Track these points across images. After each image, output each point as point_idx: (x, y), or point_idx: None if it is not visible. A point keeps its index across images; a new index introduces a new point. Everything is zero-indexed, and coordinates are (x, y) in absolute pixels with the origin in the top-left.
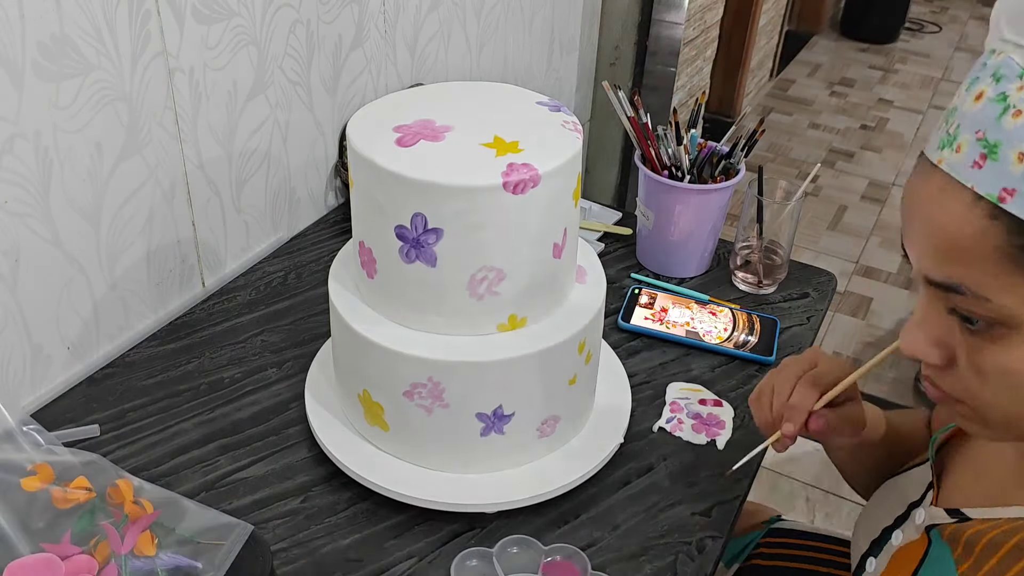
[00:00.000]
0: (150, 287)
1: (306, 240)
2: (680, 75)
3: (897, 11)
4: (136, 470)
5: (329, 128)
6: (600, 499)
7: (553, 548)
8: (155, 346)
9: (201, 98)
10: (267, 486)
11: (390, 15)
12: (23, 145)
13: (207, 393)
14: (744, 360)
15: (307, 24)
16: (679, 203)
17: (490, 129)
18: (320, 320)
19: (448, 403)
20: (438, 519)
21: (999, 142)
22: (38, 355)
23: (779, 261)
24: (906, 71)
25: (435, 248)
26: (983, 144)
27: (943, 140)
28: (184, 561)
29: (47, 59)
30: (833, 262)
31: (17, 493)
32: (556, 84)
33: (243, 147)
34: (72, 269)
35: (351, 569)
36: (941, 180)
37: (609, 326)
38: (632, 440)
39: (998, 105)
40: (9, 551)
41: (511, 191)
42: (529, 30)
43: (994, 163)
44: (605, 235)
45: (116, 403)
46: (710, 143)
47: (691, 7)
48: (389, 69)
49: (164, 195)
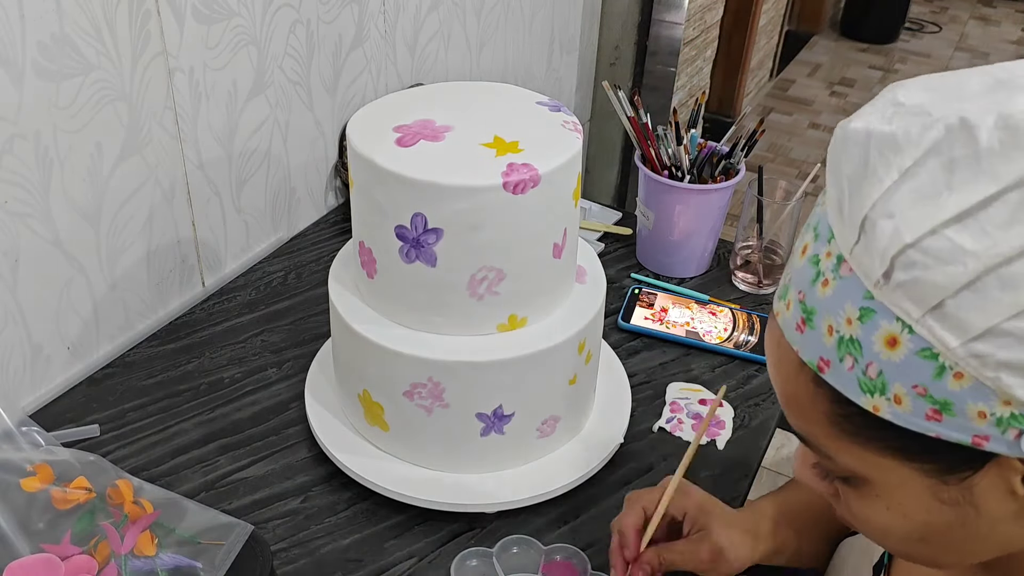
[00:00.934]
0: (150, 287)
1: (306, 240)
2: (680, 75)
3: (897, 11)
4: (136, 470)
5: (329, 128)
6: (600, 499)
7: (553, 548)
8: (155, 346)
9: (201, 98)
10: (267, 486)
11: (390, 15)
12: (23, 145)
13: (207, 393)
14: (744, 360)
15: (307, 24)
16: (679, 203)
17: (490, 129)
18: (320, 320)
19: (448, 403)
20: (438, 519)
21: (814, 309)
22: (38, 355)
23: (779, 261)
24: (906, 71)
25: (435, 248)
26: (803, 308)
27: (781, 290)
28: (184, 561)
29: (47, 59)
30: None
31: (17, 493)
32: (556, 84)
33: (243, 147)
34: (72, 269)
35: (351, 569)
36: (779, 333)
37: (609, 326)
38: (632, 440)
39: (813, 268)
40: (9, 551)
41: (511, 191)
42: (529, 30)
43: (811, 330)
44: (605, 235)
45: (116, 403)
46: (710, 143)
47: (691, 7)
48: (389, 69)
49: (164, 195)
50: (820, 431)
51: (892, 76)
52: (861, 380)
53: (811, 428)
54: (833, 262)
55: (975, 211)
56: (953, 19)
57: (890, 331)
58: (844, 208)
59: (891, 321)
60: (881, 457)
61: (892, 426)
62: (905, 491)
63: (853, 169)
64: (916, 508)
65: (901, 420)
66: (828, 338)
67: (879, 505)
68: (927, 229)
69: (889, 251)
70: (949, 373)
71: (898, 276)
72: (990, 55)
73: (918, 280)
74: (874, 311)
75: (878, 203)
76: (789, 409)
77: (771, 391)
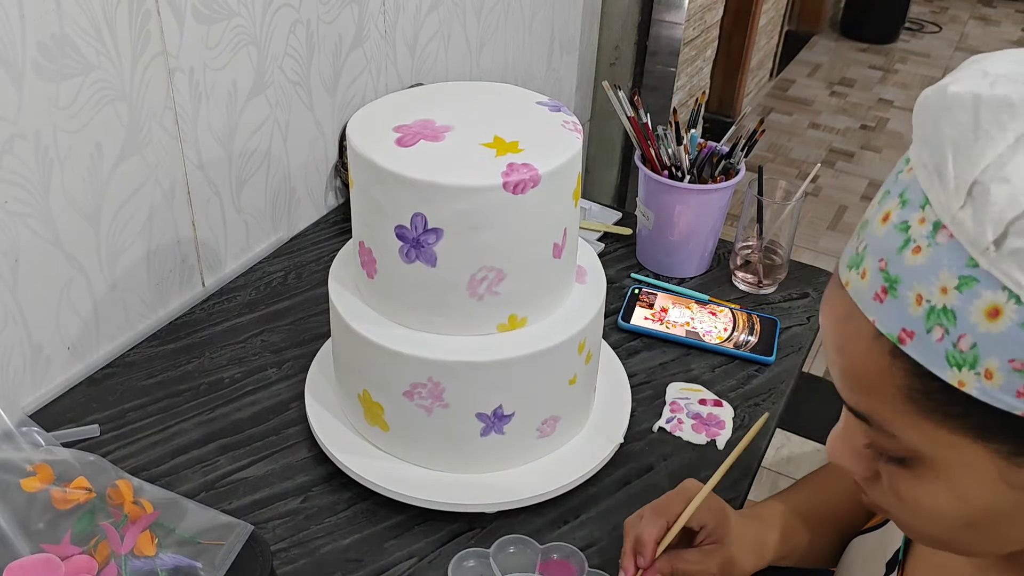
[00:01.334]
0: (150, 287)
1: (306, 240)
2: (680, 75)
3: (897, 11)
4: (136, 470)
5: (329, 128)
6: (600, 499)
7: (550, 547)
8: (155, 346)
9: (201, 98)
10: (267, 486)
11: (390, 15)
12: (23, 145)
13: (207, 393)
14: (744, 360)
15: (307, 24)
16: (679, 203)
17: (490, 129)
18: (320, 320)
19: (448, 403)
20: (438, 519)
21: (898, 278)
22: (38, 355)
23: (779, 261)
24: (906, 71)
25: (435, 248)
26: (885, 276)
27: (852, 259)
28: (184, 561)
29: (47, 59)
30: (833, 262)
31: (17, 493)
32: (556, 84)
33: (243, 147)
34: (72, 269)
35: (351, 569)
36: (848, 304)
37: (609, 326)
38: (632, 440)
39: (900, 235)
40: (9, 551)
41: (511, 191)
42: (529, 30)
43: (894, 299)
44: (605, 235)
45: (116, 403)
46: (710, 143)
47: (691, 7)
48: (389, 69)
49: (164, 195)
50: (888, 407)
51: (892, 76)
52: (949, 353)
53: (877, 404)
54: (928, 228)
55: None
56: (953, 19)
57: (993, 301)
58: (947, 173)
59: (996, 291)
60: (953, 435)
61: (974, 403)
62: (971, 473)
63: (959, 133)
64: (978, 491)
65: (987, 396)
66: (915, 308)
67: (937, 487)
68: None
69: (1005, 216)
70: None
71: (1012, 243)
72: None
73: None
74: (976, 280)
75: (991, 167)
76: (852, 384)
77: (771, 391)
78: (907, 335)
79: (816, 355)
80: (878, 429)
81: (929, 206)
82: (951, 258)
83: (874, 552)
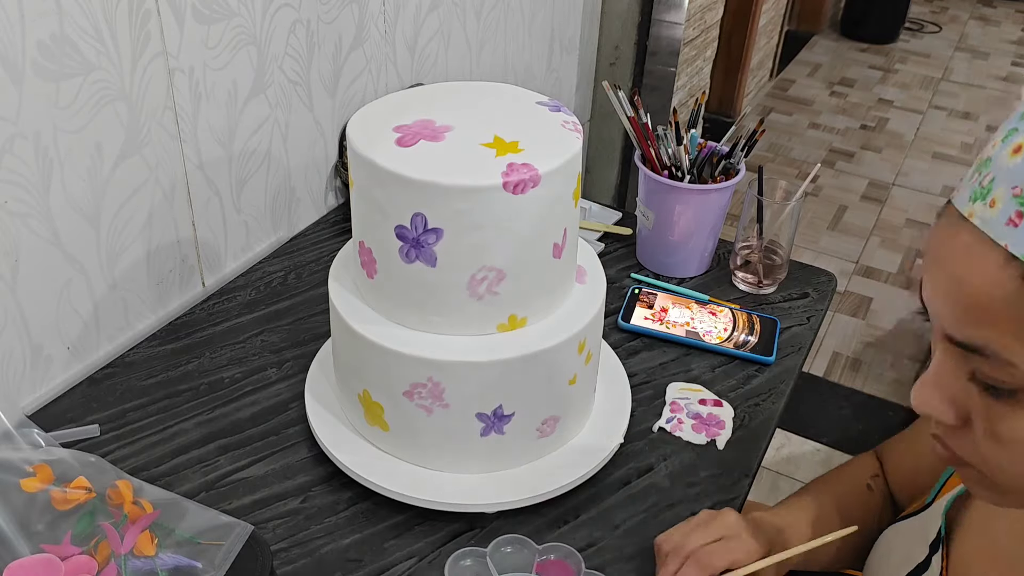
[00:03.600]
0: (150, 287)
1: (306, 240)
2: (680, 75)
3: (897, 11)
4: (136, 470)
5: (329, 128)
6: (600, 499)
7: (547, 547)
8: (155, 346)
9: (201, 98)
10: (267, 486)
11: (390, 15)
12: (23, 145)
13: (207, 393)
14: (744, 360)
15: (307, 24)
16: (679, 203)
17: (490, 129)
18: (320, 320)
19: (448, 403)
20: (438, 519)
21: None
22: (38, 355)
23: (779, 261)
24: (906, 71)
25: (435, 248)
26: (1020, 201)
27: (975, 192)
28: (184, 561)
29: (47, 59)
30: (833, 262)
31: (17, 494)
32: (556, 84)
33: (243, 147)
34: (72, 269)
35: (351, 569)
36: (971, 235)
37: (609, 326)
38: (632, 440)
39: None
40: (9, 552)
41: (511, 191)
42: (529, 30)
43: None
44: (605, 235)
45: (116, 403)
46: (710, 143)
47: (691, 7)
48: (389, 69)
49: (164, 195)
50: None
51: (892, 76)
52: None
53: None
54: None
55: None
56: (953, 19)
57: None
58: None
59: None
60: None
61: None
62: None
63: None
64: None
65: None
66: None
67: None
68: None
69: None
70: None
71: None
72: (990, 55)
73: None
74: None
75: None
76: (972, 316)
77: (771, 391)
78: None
79: (816, 355)
80: (994, 360)
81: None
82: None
83: (914, 536)
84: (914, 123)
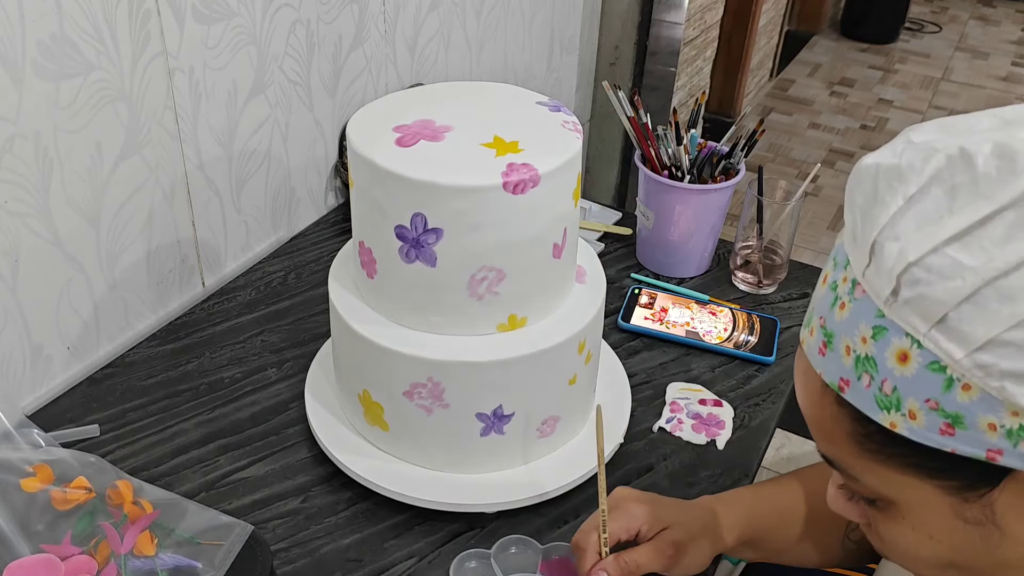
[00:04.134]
0: (150, 287)
1: (306, 240)
2: (680, 75)
3: (897, 11)
4: (136, 470)
5: (329, 128)
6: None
7: (551, 547)
8: (155, 346)
9: (201, 98)
10: (267, 486)
11: (390, 15)
12: (23, 145)
13: (207, 393)
14: (744, 360)
15: (307, 24)
16: (679, 203)
17: (490, 129)
18: (320, 320)
19: (448, 403)
20: (438, 519)
21: (833, 332)
22: (38, 355)
23: (779, 261)
24: (906, 71)
25: (435, 248)
26: (824, 332)
27: (806, 319)
28: (184, 561)
29: (47, 59)
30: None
31: (17, 494)
32: (556, 84)
33: (243, 147)
34: (72, 269)
35: (351, 569)
36: (804, 360)
37: (609, 326)
38: (632, 440)
39: (831, 294)
40: (9, 552)
41: (511, 191)
42: (529, 30)
43: (832, 352)
44: (605, 235)
45: (116, 403)
46: (710, 143)
47: (691, 7)
48: (389, 69)
49: (164, 195)
50: (845, 452)
51: (892, 76)
52: (878, 397)
53: (837, 450)
54: (849, 286)
55: (973, 230)
56: (953, 19)
57: (901, 347)
58: (857, 235)
59: (901, 337)
60: (903, 475)
61: (911, 443)
62: (929, 511)
63: (864, 199)
64: (941, 529)
65: (917, 436)
66: (847, 358)
67: (905, 527)
68: (929, 248)
69: (895, 270)
70: (957, 385)
71: (904, 293)
72: (990, 55)
73: (923, 296)
74: (886, 328)
75: (885, 228)
76: (816, 433)
77: (771, 391)
78: (844, 383)
79: None
80: (845, 474)
81: (849, 265)
82: (865, 310)
83: None
84: (914, 123)
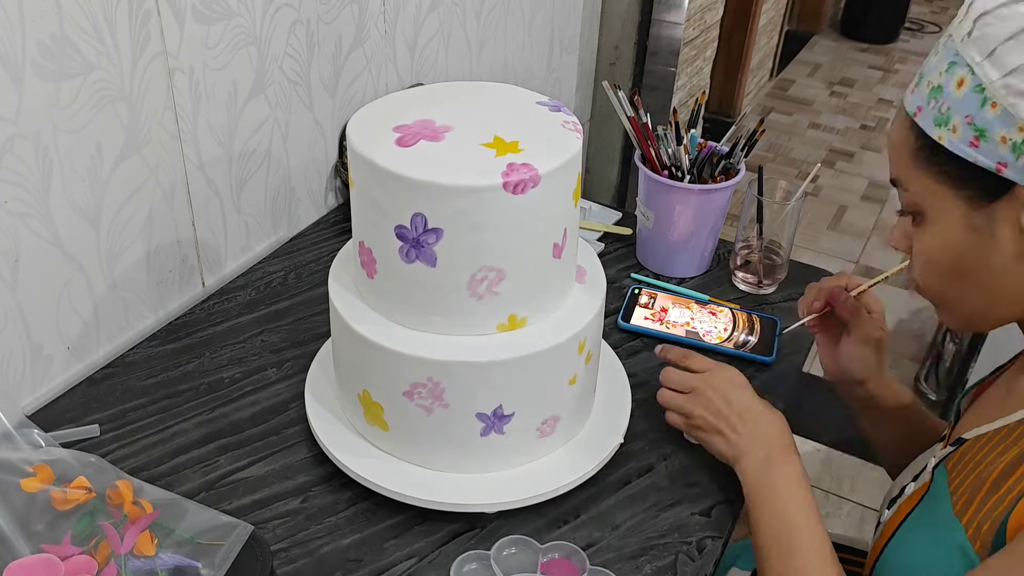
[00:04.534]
0: (150, 287)
1: (306, 240)
2: (680, 75)
3: (897, 11)
4: (136, 470)
5: (329, 128)
6: (600, 499)
7: (551, 546)
8: (155, 346)
9: (201, 98)
10: (267, 486)
11: (390, 15)
12: (23, 145)
13: (207, 393)
14: (744, 360)
15: (307, 24)
16: (679, 203)
17: (490, 129)
18: (320, 320)
19: (448, 403)
20: (438, 519)
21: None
22: (38, 355)
23: (779, 261)
24: (906, 71)
25: (435, 248)
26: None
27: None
28: (184, 561)
29: (47, 59)
30: (833, 262)
31: (17, 494)
32: (556, 84)
33: (243, 147)
34: (72, 269)
35: (351, 569)
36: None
37: (609, 326)
38: (632, 440)
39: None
40: (9, 552)
41: (511, 191)
42: (529, 30)
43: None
44: (605, 235)
45: (116, 403)
46: (710, 143)
47: (691, 7)
48: (389, 69)
49: (164, 195)
50: (904, 165)
51: (892, 76)
52: (935, 116)
53: (900, 168)
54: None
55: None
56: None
57: (961, 75)
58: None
59: (963, 68)
60: (937, 184)
61: (948, 156)
62: (948, 218)
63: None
64: (954, 234)
65: (954, 147)
66: (926, 90)
67: (930, 234)
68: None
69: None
70: (988, 103)
71: (975, 33)
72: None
73: (984, 35)
74: (956, 63)
75: None
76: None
77: (771, 391)
78: (918, 110)
79: (816, 355)
80: (900, 186)
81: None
82: (947, 53)
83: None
84: None
